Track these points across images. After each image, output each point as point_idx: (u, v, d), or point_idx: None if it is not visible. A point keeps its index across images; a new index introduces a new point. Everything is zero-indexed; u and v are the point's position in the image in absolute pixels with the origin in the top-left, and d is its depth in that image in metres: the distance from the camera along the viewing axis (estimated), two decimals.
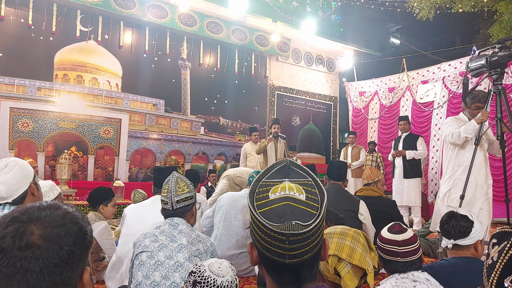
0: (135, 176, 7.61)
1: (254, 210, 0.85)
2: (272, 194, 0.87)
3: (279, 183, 0.89)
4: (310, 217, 0.83)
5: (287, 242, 0.80)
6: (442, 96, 7.68)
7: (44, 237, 0.74)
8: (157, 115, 7.86)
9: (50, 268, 0.73)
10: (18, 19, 6.50)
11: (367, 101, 9.57)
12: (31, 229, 0.74)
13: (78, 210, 0.85)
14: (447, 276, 1.87)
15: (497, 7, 7.21)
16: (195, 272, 1.38)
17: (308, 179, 0.91)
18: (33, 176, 1.95)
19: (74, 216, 0.81)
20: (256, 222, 0.84)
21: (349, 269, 1.51)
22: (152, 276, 1.93)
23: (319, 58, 10.48)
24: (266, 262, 0.89)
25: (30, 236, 0.73)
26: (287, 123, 9.61)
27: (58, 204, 0.83)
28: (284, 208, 0.84)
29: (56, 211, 0.80)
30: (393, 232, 1.76)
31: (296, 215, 0.82)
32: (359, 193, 4.16)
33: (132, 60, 7.62)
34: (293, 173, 0.92)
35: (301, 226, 0.81)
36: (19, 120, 6.43)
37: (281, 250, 0.82)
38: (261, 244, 0.85)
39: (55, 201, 0.84)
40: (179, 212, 2.12)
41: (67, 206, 0.83)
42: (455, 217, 2.04)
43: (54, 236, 0.75)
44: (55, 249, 0.74)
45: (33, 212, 0.78)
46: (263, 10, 8.70)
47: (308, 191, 0.88)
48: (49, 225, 0.76)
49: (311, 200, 0.86)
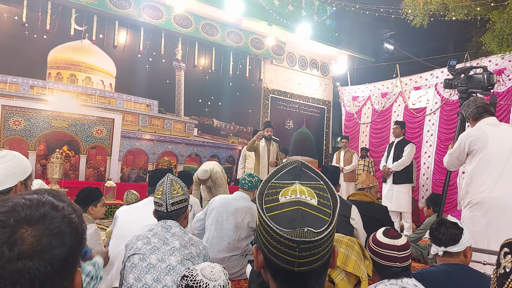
0: (127, 176, 7.58)
1: (263, 213, 0.80)
2: (282, 197, 0.82)
3: (290, 185, 0.84)
4: (322, 224, 0.78)
5: (298, 249, 0.76)
6: (435, 102, 7.74)
7: (38, 248, 0.67)
8: (150, 116, 7.83)
9: (42, 280, 0.67)
10: (12, 17, 6.45)
11: (360, 105, 9.63)
12: (21, 234, 0.67)
13: (71, 204, 0.77)
14: (438, 283, 1.88)
15: (490, 16, 7.29)
16: (188, 276, 1.38)
17: (320, 183, 0.87)
18: (27, 176, 1.89)
19: (71, 220, 0.74)
20: (264, 226, 0.80)
21: (343, 277, 1.51)
22: (144, 278, 1.92)
23: (313, 62, 10.53)
24: (272, 268, 0.84)
25: (21, 245, 0.66)
26: (281, 126, 9.63)
27: (51, 202, 0.73)
28: (295, 213, 0.79)
29: (51, 213, 0.71)
30: (390, 237, 1.75)
31: (308, 221, 0.78)
32: (351, 197, 4.18)
33: (126, 60, 7.59)
34: (304, 175, 0.87)
35: (314, 234, 0.76)
36: (11, 118, 6.38)
37: (291, 258, 0.77)
38: (269, 249, 0.80)
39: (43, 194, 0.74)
40: (173, 214, 2.11)
41: (60, 202, 0.74)
42: (445, 224, 2.06)
43: (49, 247, 0.68)
44: (48, 260, 0.67)
45: (22, 211, 0.69)
46: (258, 13, 8.72)
47: (320, 195, 0.83)
48: (43, 233, 0.68)
49: (323, 205, 0.82)
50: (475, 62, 7.00)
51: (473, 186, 3.12)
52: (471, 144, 3.12)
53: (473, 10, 7.51)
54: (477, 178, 3.09)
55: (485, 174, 3.06)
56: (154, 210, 2.17)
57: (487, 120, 3.18)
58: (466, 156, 3.20)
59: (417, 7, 7.90)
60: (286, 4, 9.45)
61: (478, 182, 3.08)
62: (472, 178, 3.14)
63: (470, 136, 3.13)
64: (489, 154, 3.04)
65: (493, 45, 7.09)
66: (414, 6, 7.93)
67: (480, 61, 6.94)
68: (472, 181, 3.13)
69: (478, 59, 7.07)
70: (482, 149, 3.07)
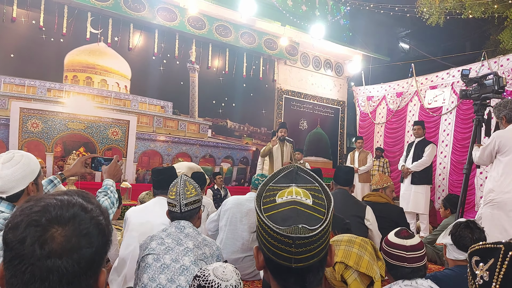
0: (142, 177, 7.65)
1: (261, 213, 0.85)
2: (279, 198, 0.87)
3: (286, 187, 0.90)
4: (317, 222, 0.83)
5: (294, 245, 0.80)
6: (451, 102, 7.62)
7: (67, 248, 0.70)
8: (165, 117, 7.89)
9: (69, 278, 0.70)
10: (29, 21, 6.57)
11: (375, 105, 9.54)
12: (52, 234, 0.70)
13: (99, 206, 0.80)
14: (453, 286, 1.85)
15: (508, 13, 7.16)
16: (200, 276, 1.39)
17: (315, 185, 0.91)
18: (37, 175, 1.88)
19: (99, 222, 0.76)
20: (262, 225, 0.85)
21: (356, 277, 1.50)
22: (158, 279, 1.93)
23: (327, 62, 10.47)
24: (271, 266, 0.88)
25: (52, 244, 0.69)
26: (295, 127, 9.60)
27: (81, 203, 0.76)
28: (291, 212, 0.83)
29: (81, 214, 0.74)
30: (400, 237, 1.74)
31: (303, 219, 0.82)
32: (366, 198, 4.15)
33: (141, 62, 7.66)
34: (300, 179, 0.92)
35: (308, 230, 0.81)
36: (29, 121, 6.50)
37: (287, 254, 0.81)
38: (267, 248, 0.85)
39: (73, 196, 0.78)
40: (186, 215, 2.12)
41: (89, 204, 0.77)
42: (471, 229, 2.01)
43: (78, 247, 0.71)
44: (76, 259, 0.71)
45: (53, 211, 0.72)
46: (272, 14, 8.71)
47: (315, 196, 0.88)
48: (73, 234, 0.71)
49: (317, 205, 0.86)
50: (493, 60, 6.87)
51: (498, 186, 3.22)
52: (500, 144, 3.27)
53: (491, 8, 7.38)
54: (504, 178, 3.21)
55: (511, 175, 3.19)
56: (168, 210, 2.18)
57: None
58: (495, 155, 3.35)
59: (433, 6, 7.79)
60: (299, 4, 9.43)
61: (504, 182, 3.20)
62: (498, 177, 3.26)
63: (502, 137, 3.30)
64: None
65: (511, 43, 6.94)
66: (430, 4, 7.83)
67: (498, 59, 6.80)
68: (498, 181, 3.25)
69: (495, 58, 6.93)
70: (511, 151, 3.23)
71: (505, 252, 0.76)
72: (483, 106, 3.81)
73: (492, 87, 3.62)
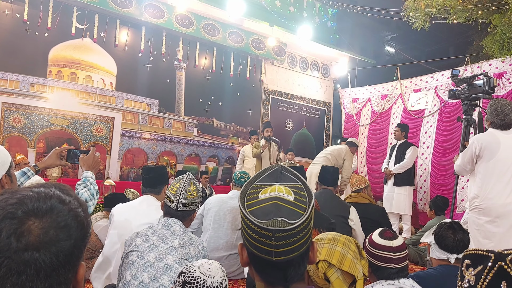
0: (126, 175, 7.58)
1: (244, 209, 0.88)
2: (262, 195, 0.90)
3: (270, 185, 0.93)
4: (297, 216, 0.85)
5: (273, 238, 0.83)
6: (434, 104, 7.75)
7: (45, 240, 0.68)
8: (150, 115, 7.84)
9: (47, 271, 0.68)
10: (13, 14, 6.45)
11: (360, 107, 9.63)
12: (29, 226, 0.68)
13: (77, 198, 0.78)
14: (435, 285, 1.88)
15: (491, 19, 7.29)
16: (185, 272, 1.38)
17: (298, 183, 0.94)
18: (9, 166, 1.78)
19: (77, 214, 0.75)
20: (245, 221, 0.87)
21: (338, 275, 1.51)
22: (141, 276, 1.91)
23: (314, 64, 10.53)
24: (254, 261, 0.91)
25: (28, 236, 0.67)
26: (281, 127, 9.63)
27: (58, 195, 0.75)
28: (272, 207, 0.86)
29: (59, 206, 0.73)
30: (385, 238, 1.74)
31: (283, 213, 0.85)
32: (348, 199, 4.16)
33: (127, 59, 7.59)
34: (284, 177, 0.95)
35: (287, 223, 0.83)
36: (11, 116, 6.38)
37: (268, 247, 0.84)
38: (250, 242, 0.88)
39: (51, 188, 0.76)
40: (180, 214, 2.09)
41: (67, 196, 0.76)
42: (454, 229, 2.03)
43: (56, 240, 0.69)
44: (54, 252, 0.69)
45: (30, 203, 0.70)
46: (260, 14, 8.72)
47: (297, 193, 0.91)
48: (50, 226, 0.70)
49: (299, 201, 0.89)
50: (476, 65, 7.00)
51: (482, 191, 3.09)
52: (481, 147, 3.10)
53: (475, 14, 7.51)
54: (487, 183, 3.07)
55: (494, 180, 3.04)
56: (163, 203, 2.14)
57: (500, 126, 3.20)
58: (476, 160, 3.18)
59: (419, 10, 7.89)
60: (287, 5, 9.46)
61: (487, 187, 3.06)
62: (481, 182, 3.11)
63: (482, 140, 3.12)
64: (500, 160, 3.03)
65: (494, 49, 7.08)
66: (416, 9, 7.93)
67: (481, 64, 6.94)
68: (481, 186, 3.11)
69: (478, 63, 7.07)
70: (494, 155, 3.06)
71: (494, 261, 0.77)
72: (472, 106, 3.85)
73: (483, 88, 3.63)
